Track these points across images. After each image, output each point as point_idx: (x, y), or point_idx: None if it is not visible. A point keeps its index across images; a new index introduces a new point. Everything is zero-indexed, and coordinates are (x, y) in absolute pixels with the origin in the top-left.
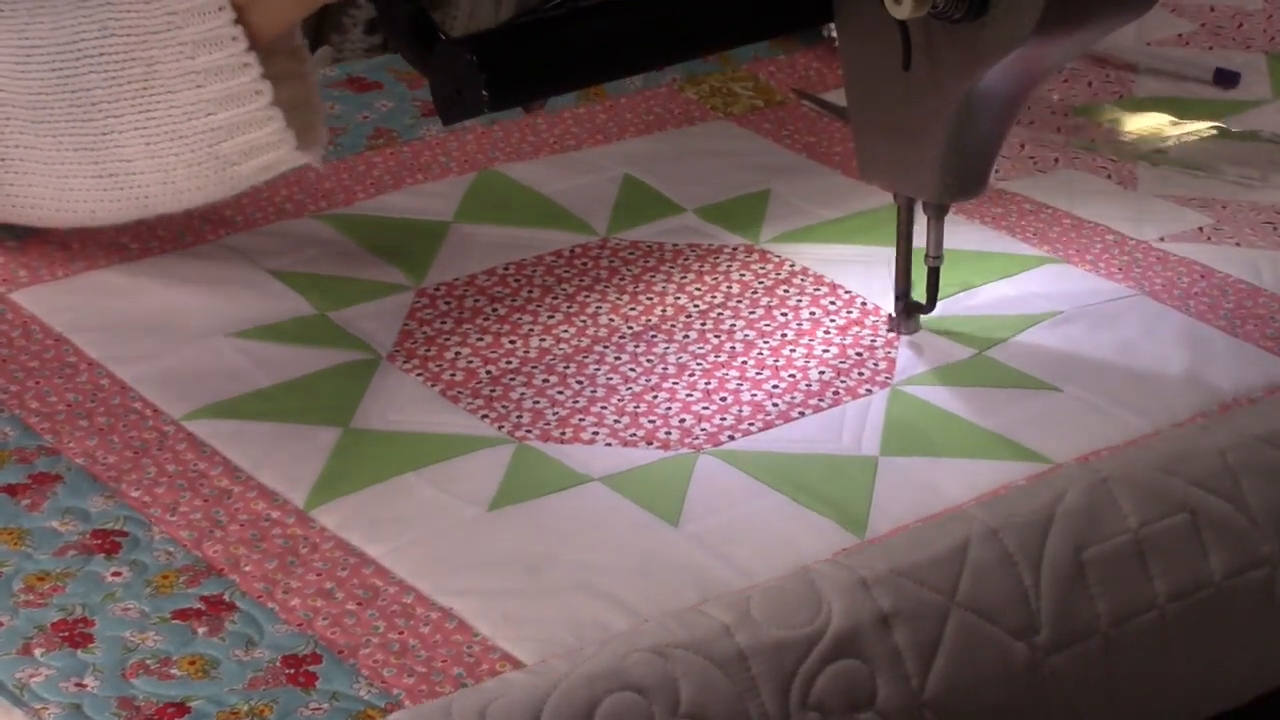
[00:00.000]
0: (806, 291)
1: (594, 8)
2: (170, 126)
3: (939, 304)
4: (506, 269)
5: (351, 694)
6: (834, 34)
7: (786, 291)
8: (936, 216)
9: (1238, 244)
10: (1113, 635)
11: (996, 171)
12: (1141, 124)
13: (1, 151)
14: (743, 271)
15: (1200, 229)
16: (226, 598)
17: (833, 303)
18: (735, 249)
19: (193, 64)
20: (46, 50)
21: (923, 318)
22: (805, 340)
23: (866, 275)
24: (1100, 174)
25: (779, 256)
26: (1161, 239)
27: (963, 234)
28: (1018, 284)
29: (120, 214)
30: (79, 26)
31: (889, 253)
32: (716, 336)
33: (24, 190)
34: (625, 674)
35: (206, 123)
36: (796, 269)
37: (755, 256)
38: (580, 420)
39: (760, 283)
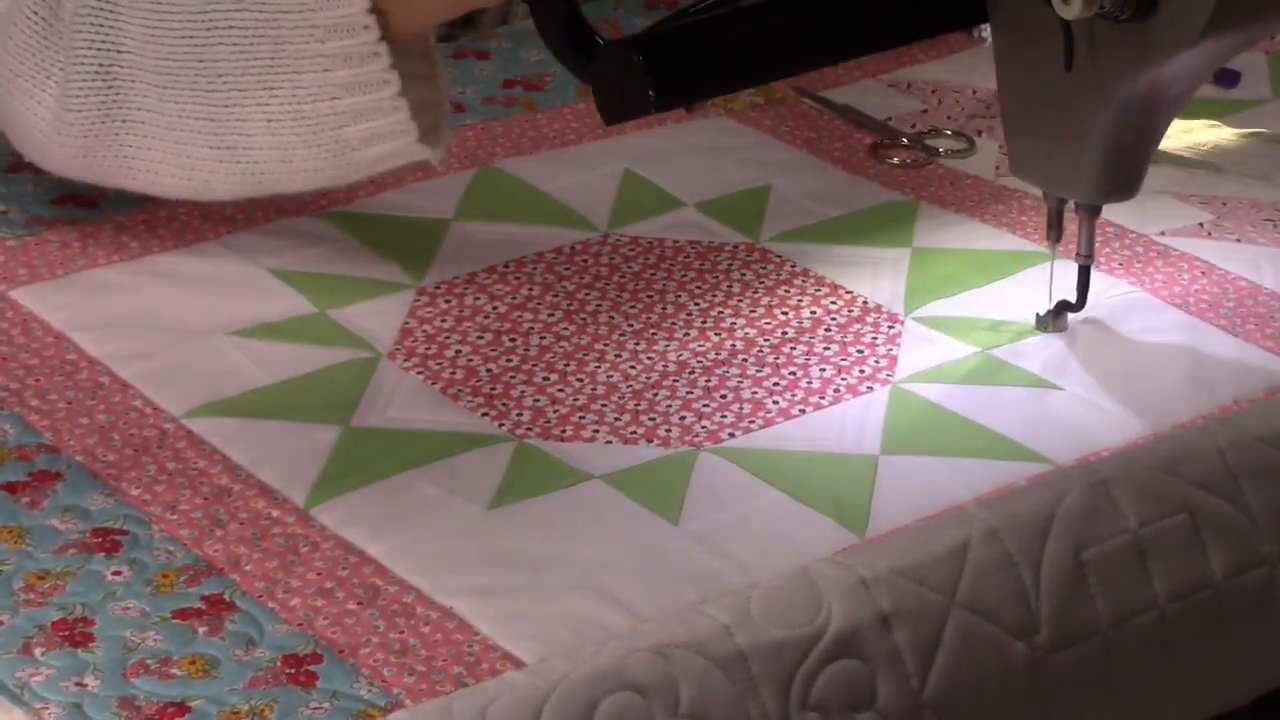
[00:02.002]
0: (807, 291)
1: (754, 7)
2: (294, 106)
3: (938, 303)
4: (507, 266)
5: (352, 693)
6: (985, 34)
7: (787, 291)
8: (1089, 216)
9: (1238, 240)
10: (1113, 635)
11: (997, 168)
12: None
13: (125, 114)
14: (743, 270)
15: (1201, 224)
16: (227, 597)
17: (833, 301)
18: (736, 247)
19: (322, 48)
20: (180, 17)
21: (922, 314)
22: (806, 338)
23: (867, 274)
24: None
25: (780, 256)
26: (1162, 233)
27: (964, 232)
28: (1019, 282)
29: (235, 188)
30: None
31: (890, 252)
32: (717, 334)
33: (143, 154)
34: (625, 674)
35: (331, 106)
36: (798, 269)
37: (756, 255)
38: (581, 418)
39: (761, 282)
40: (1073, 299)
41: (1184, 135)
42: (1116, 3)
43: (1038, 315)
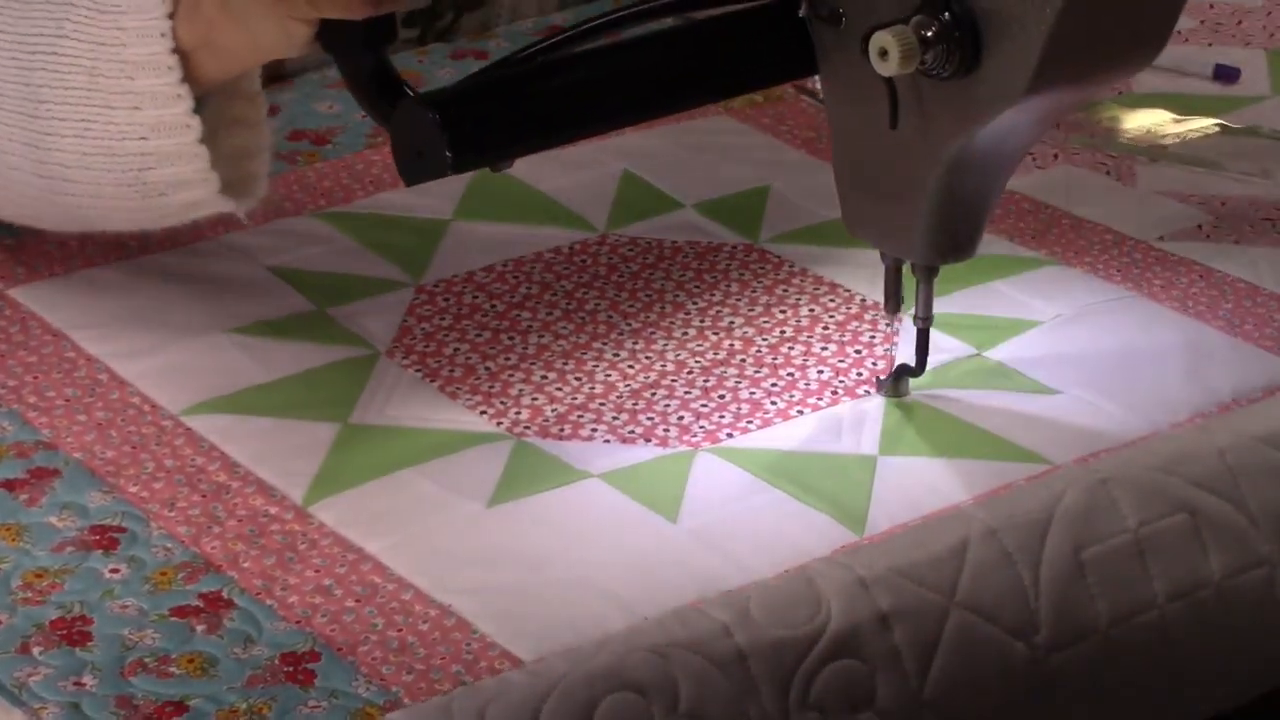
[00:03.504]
0: (805, 290)
1: (565, 61)
2: (105, 143)
3: (935, 302)
4: (505, 266)
5: (350, 691)
6: (818, 86)
7: (785, 291)
8: (925, 278)
9: (1237, 241)
10: (1112, 635)
11: None
12: (1141, 120)
13: None
14: (742, 270)
15: (1199, 226)
16: (225, 595)
17: (832, 300)
18: (735, 247)
19: (132, 84)
20: (8, 37)
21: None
22: (804, 338)
23: (866, 274)
24: (1099, 171)
25: (778, 256)
26: (1161, 238)
27: None
28: (1017, 285)
29: (60, 221)
30: (39, 21)
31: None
32: (715, 334)
33: None
34: (625, 673)
35: (139, 145)
36: (796, 270)
37: (754, 255)
38: (579, 417)
39: (759, 282)
40: (912, 363)
41: (1183, 133)
42: (938, 60)
43: (877, 379)
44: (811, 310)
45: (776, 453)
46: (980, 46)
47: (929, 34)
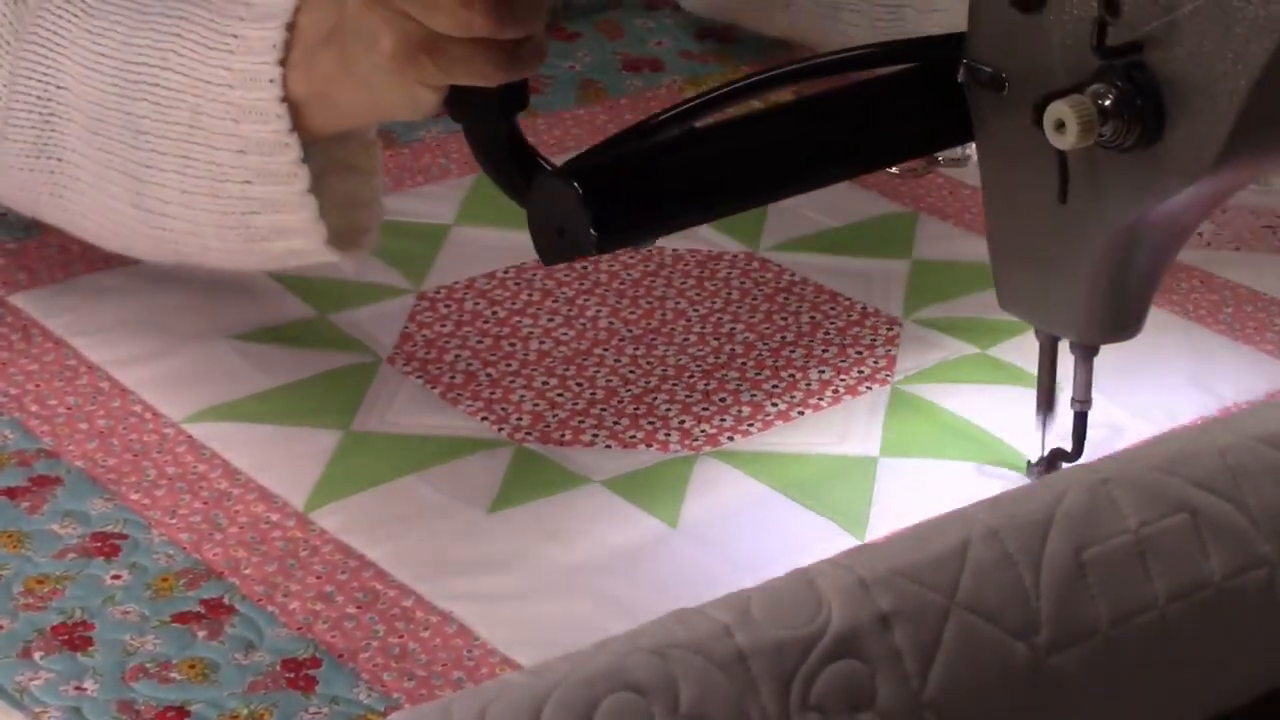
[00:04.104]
0: (806, 298)
1: (710, 131)
2: (208, 182)
3: (937, 305)
4: (506, 272)
5: (351, 698)
6: (970, 152)
7: (786, 299)
8: (1084, 357)
9: (1237, 248)
10: (1113, 635)
11: None
12: None
13: (59, 153)
14: (743, 279)
15: (1200, 234)
16: (226, 601)
17: (832, 308)
18: (735, 256)
19: (236, 127)
20: (112, 63)
21: (920, 317)
22: (805, 341)
23: (867, 285)
24: None
25: (779, 265)
26: None
27: (963, 246)
28: None
29: (155, 253)
30: (144, 49)
31: (889, 263)
32: (716, 339)
33: (75, 199)
34: (625, 674)
35: (243, 189)
36: (797, 278)
37: (755, 264)
38: (580, 422)
39: (760, 289)
40: (1068, 446)
41: None
42: (1117, 132)
43: (1029, 463)
44: (813, 317)
45: (777, 456)
46: (1163, 117)
47: (1107, 104)
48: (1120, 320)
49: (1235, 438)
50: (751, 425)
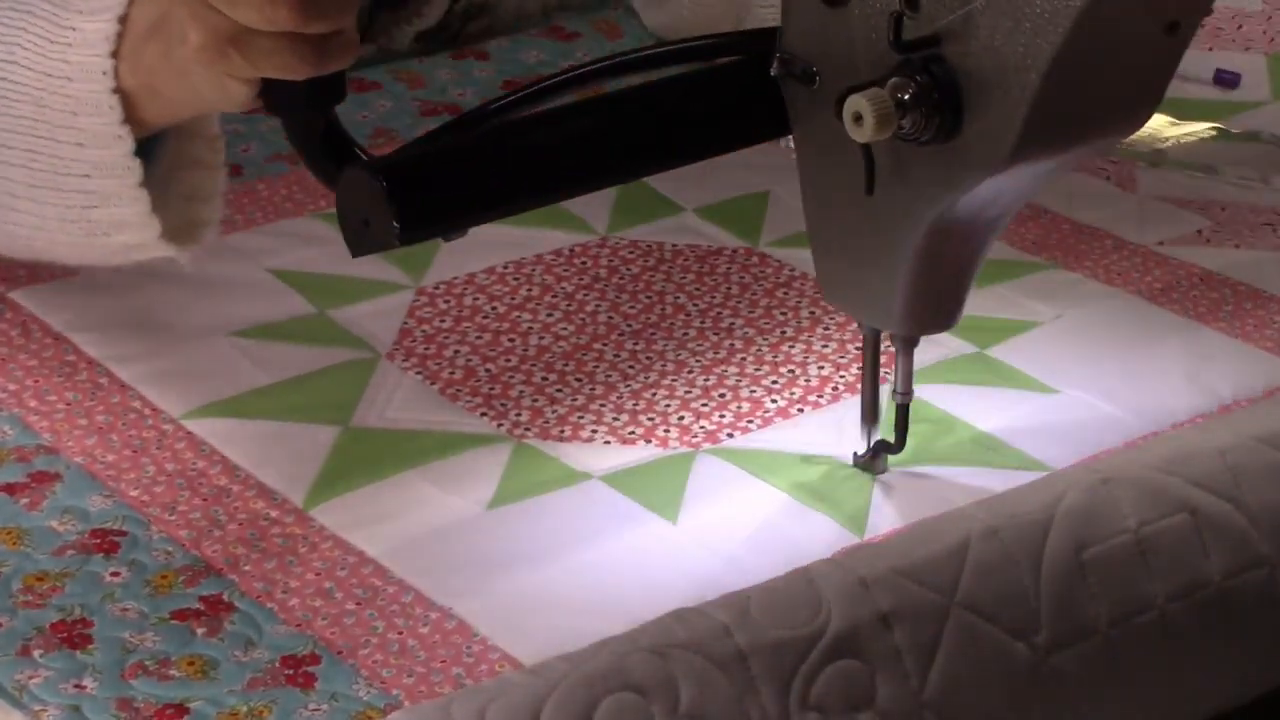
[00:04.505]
0: (806, 294)
1: (520, 124)
2: (51, 175)
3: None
4: (505, 268)
5: (350, 694)
6: (792, 146)
7: (786, 294)
8: (905, 349)
9: (1237, 246)
10: (1113, 635)
11: None
12: None
13: None
14: (742, 274)
15: (1199, 231)
16: (225, 598)
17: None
18: (735, 251)
19: (75, 120)
20: None
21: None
22: (804, 337)
23: None
24: (1100, 176)
25: (778, 260)
26: (1161, 243)
27: None
28: (1018, 289)
29: (9, 249)
30: None
31: None
32: (715, 334)
33: None
34: (625, 674)
35: (81, 183)
36: (796, 274)
37: (755, 260)
38: (579, 418)
39: (760, 285)
40: (892, 438)
41: (1182, 137)
42: (916, 124)
43: (855, 455)
44: (812, 312)
45: (777, 453)
46: (961, 111)
47: (906, 97)
48: (937, 313)
49: (1235, 437)
50: (751, 421)
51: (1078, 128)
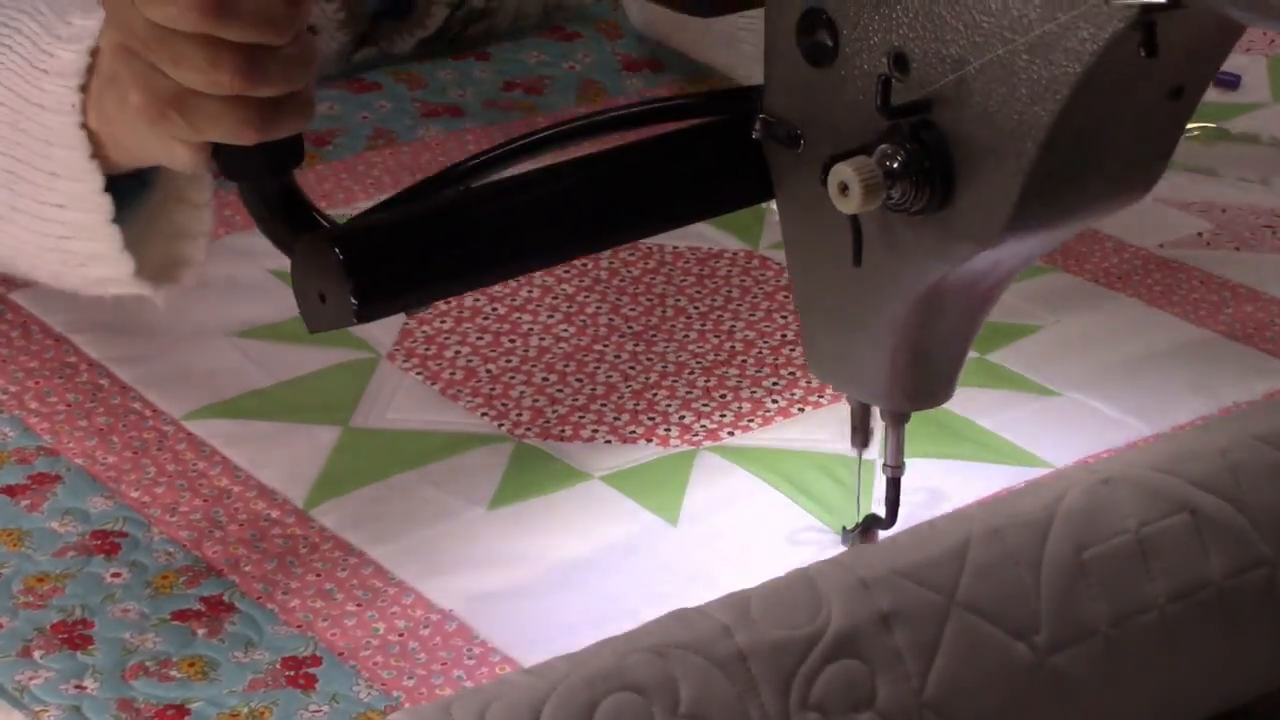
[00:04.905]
0: None
1: (486, 191)
2: (31, 202)
3: None
4: None
5: (351, 696)
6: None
7: (787, 297)
8: (895, 425)
9: (1237, 248)
10: (1113, 635)
11: None
12: None
13: None
14: (743, 277)
15: (1200, 234)
16: (226, 599)
17: None
18: (736, 254)
19: (49, 149)
20: None
21: None
22: None
23: None
24: None
25: (779, 263)
26: (1161, 245)
27: None
28: (1019, 292)
29: None
30: None
31: None
32: (716, 337)
33: None
34: (625, 674)
35: (58, 213)
36: None
37: (755, 263)
38: (580, 418)
39: (760, 288)
40: (882, 513)
41: (1183, 138)
42: (905, 194)
43: (844, 529)
44: None
45: (778, 453)
46: (954, 180)
47: (895, 165)
48: (928, 388)
49: (1235, 438)
50: (751, 422)
51: (1078, 197)
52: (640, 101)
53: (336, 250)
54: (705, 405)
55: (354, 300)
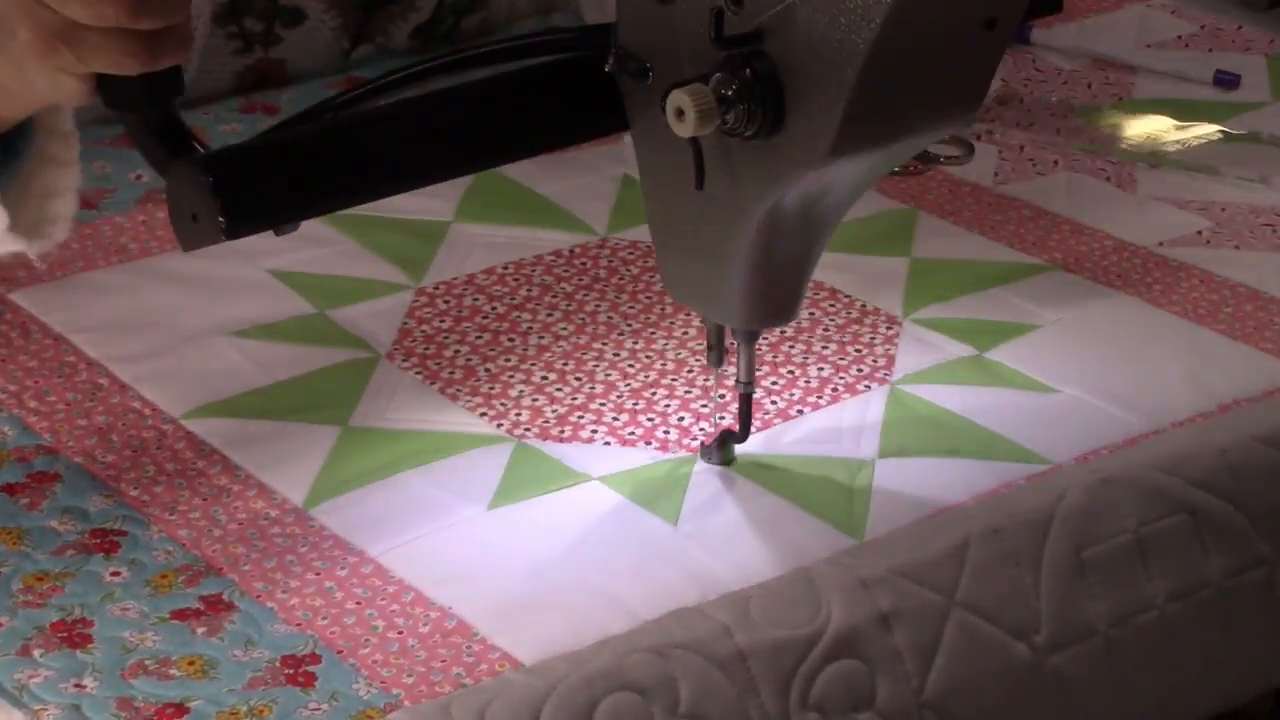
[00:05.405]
0: (805, 295)
1: (352, 120)
2: None
3: (936, 306)
4: (505, 268)
5: (351, 694)
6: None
7: None
8: (745, 342)
9: (1237, 247)
10: (1113, 635)
11: (995, 174)
12: (1141, 126)
13: None
14: None
15: (1199, 232)
16: (225, 597)
17: (832, 305)
18: None
19: None
20: None
21: (920, 317)
22: (804, 338)
23: (866, 282)
24: (1100, 177)
25: None
26: (1161, 244)
27: (962, 245)
28: (1018, 291)
29: None
30: None
31: (889, 262)
32: None
33: None
34: (625, 674)
35: None
36: None
37: None
38: (579, 418)
39: None
40: (736, 427)
41: (1183, 139)
42: (739, 120)
43: (702, 445)
44: (811, 314)
45: (777, 454)
46: (784, 106)
47: (729, 93)
48: (774, 307)
49: (1235, 437)
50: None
51: (900, 123)
52: (503, 38)
53: (206, 173)
54: (704, 406)
55: (222, 219)
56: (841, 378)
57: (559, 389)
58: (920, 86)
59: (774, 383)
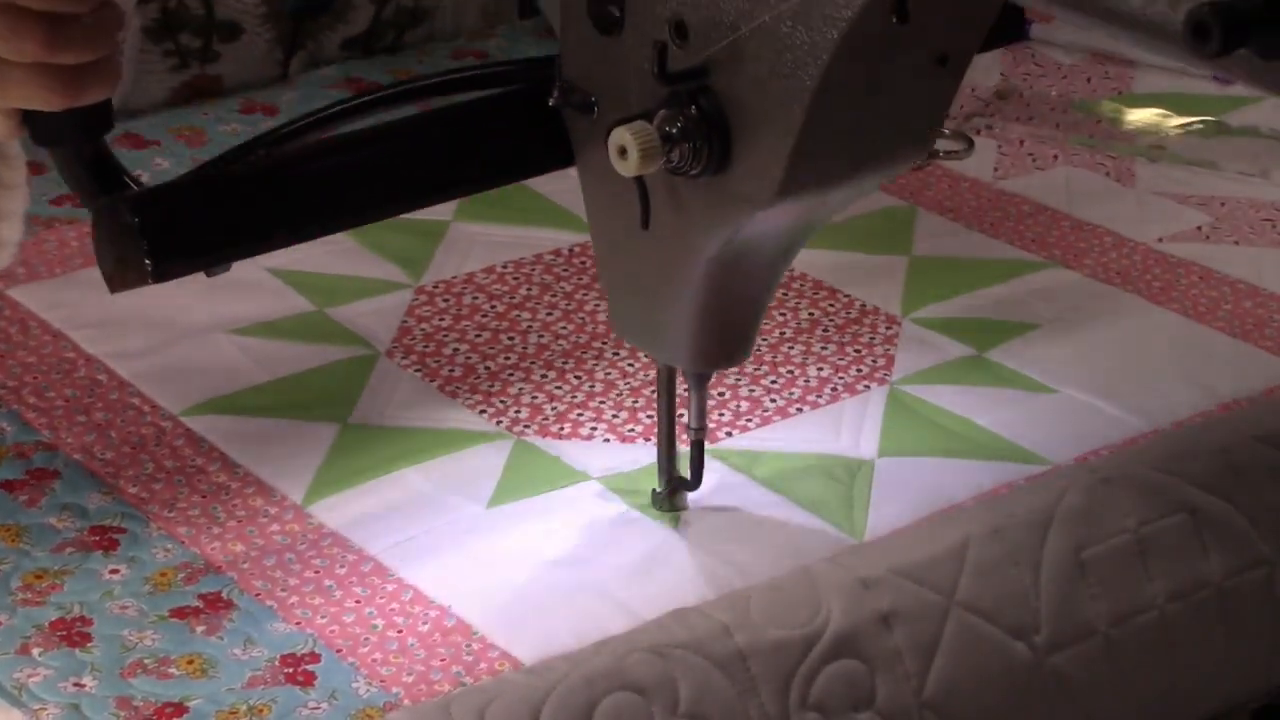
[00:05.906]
0: (805, 295)
1: (288, 156)
2: None
3: (935, 305)
4: (505, 267)
5: (350, 692)
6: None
7: (785, 294)
8: (696, 385)
9: (1237, 242)
10: (1113, 635)
11: (995, 170)
12: (1140, 119)
13: None
14: None
15: (1199, 228)
16: (225, 595)
17: (831, 305)
18: None
19: None
20: None
21: (919, 316)
22: (803, 338)
23: (866, 279)
24: (1099, 171)
25: None
26: (1160, 239)
27: (963, 241)
28: (1017, 288)
29: None
30: None
31: (888, 259)
32: None
33: None
34: (625, 674)
35: None
36: (795, 273)
37: None
38: (578, 415)
39: None
40: (689, 476)
41: (1182, 133)
42: (684, 158)
43: (653, 492)
44: (811, 314)
45: (776, 453)
46: (730, 144)
47: (674, 130)
48: (725, 348)
49: (1235, 437)
50: (749, 421)
51: (850, 161)
52: (446, 71)
53: (131, 214)
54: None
55: (148, 261)
56: (841, 377)
57: (558, 387)
58: (871, 123)
59: (773, 382)
